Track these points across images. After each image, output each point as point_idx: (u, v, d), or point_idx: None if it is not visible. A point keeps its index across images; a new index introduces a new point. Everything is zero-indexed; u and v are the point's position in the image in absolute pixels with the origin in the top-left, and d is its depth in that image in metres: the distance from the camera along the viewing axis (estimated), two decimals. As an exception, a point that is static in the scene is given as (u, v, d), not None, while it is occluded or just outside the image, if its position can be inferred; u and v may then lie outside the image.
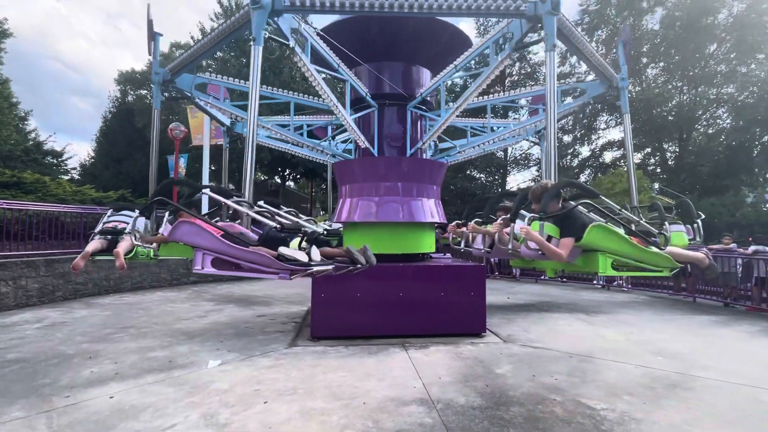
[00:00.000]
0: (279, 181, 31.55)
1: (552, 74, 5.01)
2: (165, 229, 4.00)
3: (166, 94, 7.01)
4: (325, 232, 4.76)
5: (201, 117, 17.05)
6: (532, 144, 28.96)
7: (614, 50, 7.34)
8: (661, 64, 24.84)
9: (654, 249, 4.07)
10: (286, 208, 4.75)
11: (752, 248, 8.93)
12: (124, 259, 5.03)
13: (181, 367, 4.68)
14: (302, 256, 3.63)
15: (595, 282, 11.98)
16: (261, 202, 4.63)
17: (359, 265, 4.06)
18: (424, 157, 7.35)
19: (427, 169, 6.90)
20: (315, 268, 3.71)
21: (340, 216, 6.79)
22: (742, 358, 5.20)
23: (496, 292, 10.31)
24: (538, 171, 30.40)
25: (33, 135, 27.95)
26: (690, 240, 4.91)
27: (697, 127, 24.59)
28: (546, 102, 5.09)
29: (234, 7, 24.80)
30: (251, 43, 4.86)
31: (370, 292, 5.92)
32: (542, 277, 13.04)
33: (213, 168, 27.71)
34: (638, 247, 3.99)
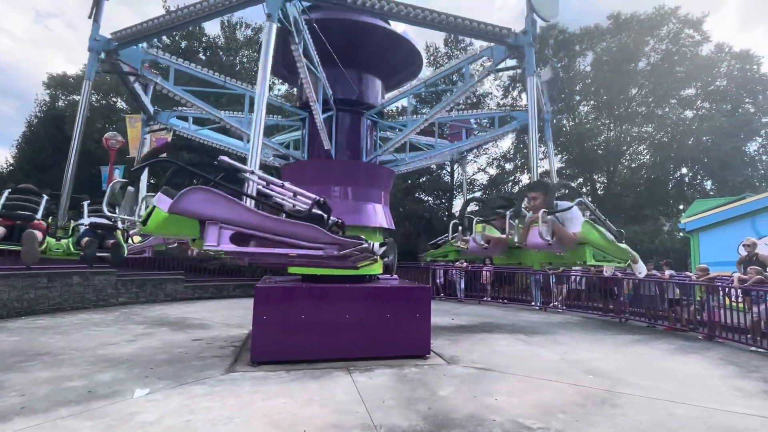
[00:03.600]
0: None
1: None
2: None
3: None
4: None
5: (140, 127, 16.15)
6: (478, 170, 30.34)
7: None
8: (592, 102, 27.24)
9: None
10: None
11: (668, 272, 9.82)
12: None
13: (102, 397, 4.26)
14: None
15: (533, 303, 12.56)
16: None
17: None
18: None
19: (376, 175, 7.04)
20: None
21: None
22: (660, 374, 5.64)
23: (441, 313, 10.48)
24: (483, 196, 31.80)
25: (-61, 137, 24.96)
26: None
27: (622, 161, 27.02)
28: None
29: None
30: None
31: (315, 313, 5.78)
32: (484, 299, 13.48)
33: (152, 181, 26.17)
34: None
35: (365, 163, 7.14)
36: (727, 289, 8.21)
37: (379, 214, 6.80)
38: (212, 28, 36.19)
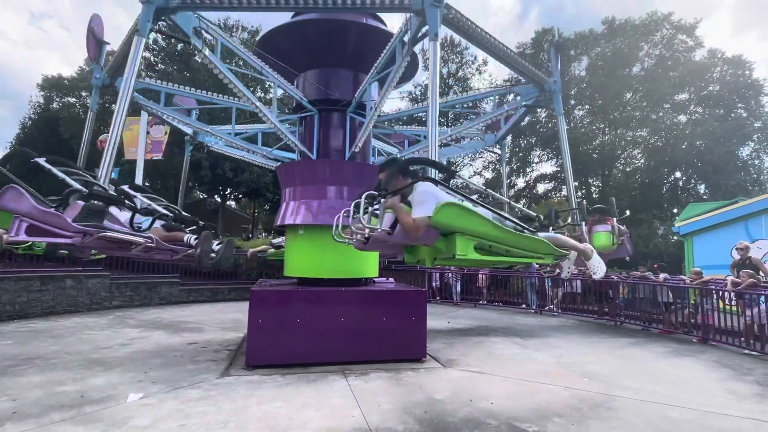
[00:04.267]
0: (219, 200, 30.37)
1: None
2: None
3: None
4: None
5: (136, 130, 16.14)
6: (474, 173, 30.23)
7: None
8: (587, 106, 27.45)
9: None
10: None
11: (662, 276, 9.87)
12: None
13: (95, 402, 4.22)
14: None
15: (527, 307, 12.58)
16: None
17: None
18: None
19: (371, 175, 7.00)
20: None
21: (284, 219, 6.66)
22: (655, 377, 5.66)
23: (437, 316, 10.47)
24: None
25: (-69, 138, 24.77)
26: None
27: (617, 165, 27.22)
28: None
29: None
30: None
31: (311, 317, 5.76)
32: (481, 302, 13.49)
33: (147, 184, 26.03)
34: None
35: (359, 162, 7.12)
36: (720, 292, 8.27)
37: None
38: (209, 30, 36.11)
